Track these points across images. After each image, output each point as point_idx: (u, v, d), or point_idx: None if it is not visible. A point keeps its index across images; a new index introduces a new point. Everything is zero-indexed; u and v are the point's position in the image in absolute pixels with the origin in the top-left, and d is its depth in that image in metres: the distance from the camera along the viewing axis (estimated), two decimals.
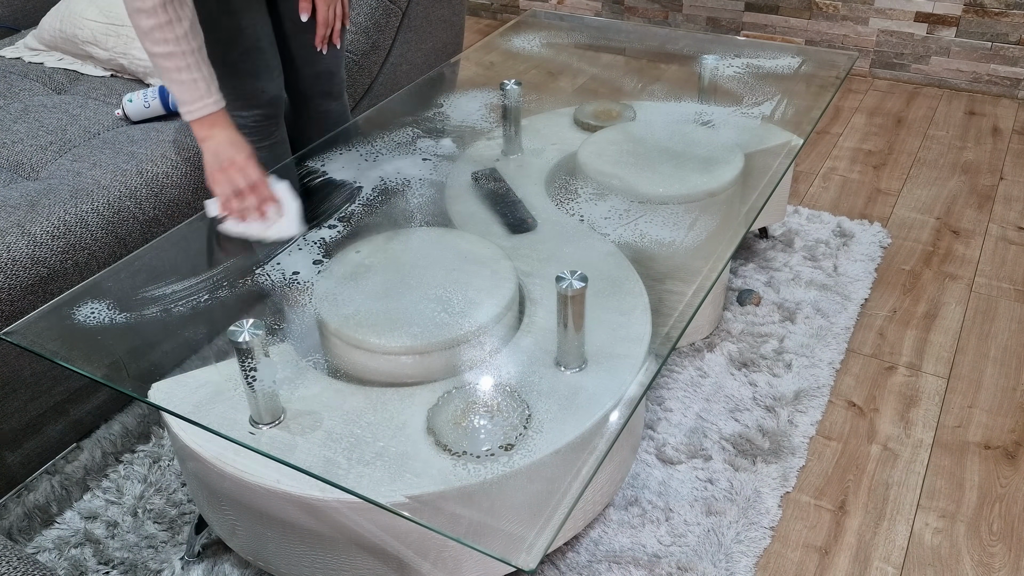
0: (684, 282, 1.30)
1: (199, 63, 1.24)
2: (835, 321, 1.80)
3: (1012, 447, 1.52)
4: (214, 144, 1.28)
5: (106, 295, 1.29)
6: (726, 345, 1.74)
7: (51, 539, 1.38)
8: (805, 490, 1.45)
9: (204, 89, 1.26)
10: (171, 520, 1.40)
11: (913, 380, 1.67)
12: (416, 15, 2.11)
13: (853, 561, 1.33)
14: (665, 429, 1.55)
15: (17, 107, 1.78)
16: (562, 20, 2.37)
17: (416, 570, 1.10)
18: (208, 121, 1.28)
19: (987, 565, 1.32)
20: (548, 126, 1.82)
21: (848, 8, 2.92)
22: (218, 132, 1.28)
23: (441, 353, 1.15)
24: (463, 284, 1.23)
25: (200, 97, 1.26)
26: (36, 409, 1.43)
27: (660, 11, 3.26)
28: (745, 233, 1.51)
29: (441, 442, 1.03)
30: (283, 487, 1.05)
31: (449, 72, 2.07)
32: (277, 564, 1.19)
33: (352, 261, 1.30)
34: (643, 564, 1.31)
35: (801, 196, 2.28)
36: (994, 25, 2.72)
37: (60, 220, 1.45)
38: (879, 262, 2.00)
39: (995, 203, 2.23)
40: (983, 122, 2.65)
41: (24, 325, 1.19)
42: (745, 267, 1.97)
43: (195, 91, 1.25)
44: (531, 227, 1.45)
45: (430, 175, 1.64)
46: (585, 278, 1.06)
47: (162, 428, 1.58)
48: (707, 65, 1.81)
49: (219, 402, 1.10)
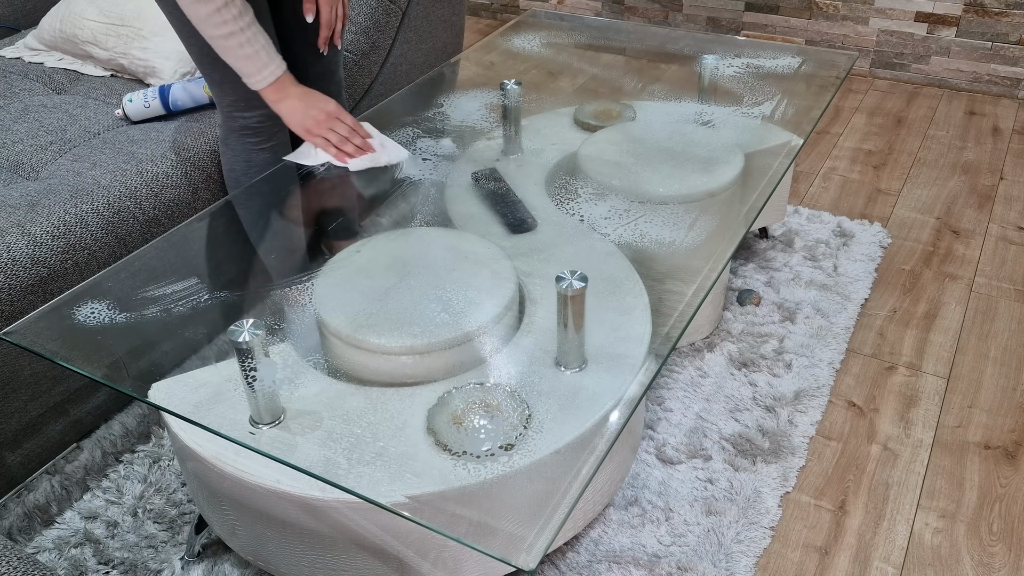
0: (684, 282, 1.30)
1: (256, 35, 1.33)
2: (835, 321, 1.80)
3: (1012, 447, 1.52)
4: (292, 102, 1.39)
5: (106, 295, 1.29)
6: (726, 345, 1.74)
7: (51, 539, 1.38)
8: (805, 490, 1.45)
9: (266, 58, 1.35)
10: (171, 520, 1.40)
11: (913, 380, 1.67)
12: (416, 15, 2.11)
13: (853, 561, 1.33)
14: (665, 429, 1.55)
15: (17, 107, 1.78)
16: (562, 20, 2.37)
17: (416, 570, 1.10)
18: (277, 85, 1.38)
19: (987, 565, 1.32)
20: (548, 126, 1.82)
21: (848, 8, 2.92)
22: (291, 90, 1.39)
23: (441, 353, 1.15)
24: (463, 284, 1.23)
25: (264, 66, 1.36)
26: (36, 409, 1.43)
27: (660, 11, 3.26)
28: (745, 233, 1.51)
29: (441, 442, 1.03)
30: (283, 487, 1.05)
31: (449, 72, 2.07)
32: (277, 564, 1.19)
33: (352, 261, 1.30)
34: (643, 564, 1.31)
35: (801, 196, 2.28)
36: (994, 25, 2.72)
37: (60, 220, 1.45)
38: (879, 262, 2.00)
39: (995, 203, 2.23)
40: (983, 122, 2.65)
41: (24, 325, 1.19)
42: (745, 267, 1.97)
43: (257, 62, 1.35)
44: (531, 227, 1.45)
45: (430, 175, 1.64)
46: (585, 278, 1.06)
47: (162, 428, 1.58)
48: (707, 65, 1.81)
49: (219, 402, 1.10)
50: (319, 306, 1.21)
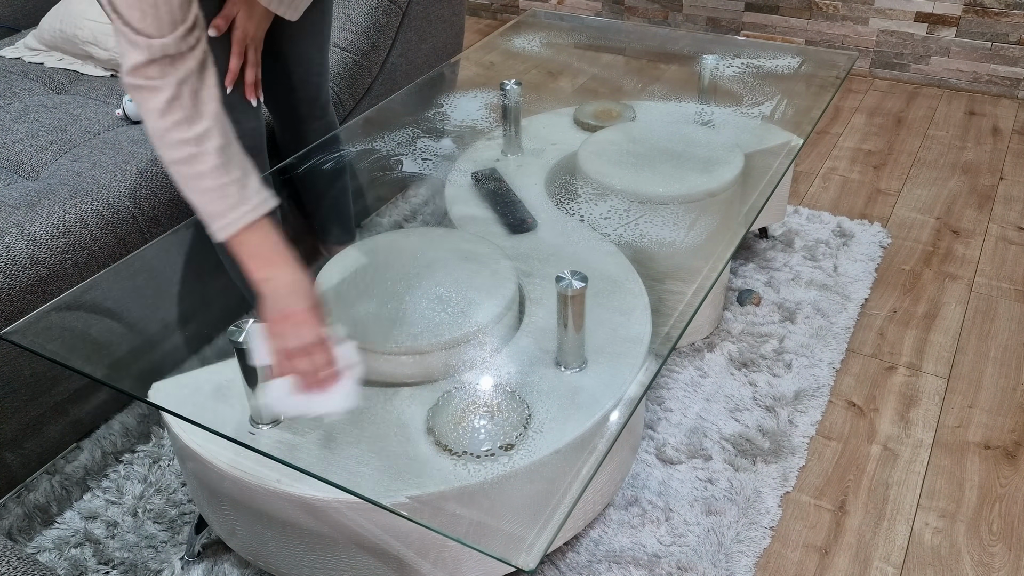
0: (684, 282, 1.30)
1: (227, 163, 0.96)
2: (835, 321, 1.80)
3: (1012, 447, 1.52)
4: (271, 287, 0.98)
5: (106, 295, 1.29)
6: (726, 345, 1.74)
7: (51, 539, 1.38)
8: (805, 490, 1.45)
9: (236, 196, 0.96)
10: (171, 520, 1.40)
11: (913, 380, 1.67)
12: (416, 15, 2.11)
13: (853, 561, 1.33)
14: (665, 429, 1.55)
15: (17, 107, 1.78)
16: (562, 20, 2.37)
17: (416, 570, 1.10)
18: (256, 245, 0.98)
19: (987, 565, 1.32)
20: (548, 126, 1.82)
21: (848, 8, 2.92)
22: (278, 274, 0.98)
23: (441, 353, 1.15)
24: (463, 284, 1.23)
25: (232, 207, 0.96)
26: (36, 409, 1.43)
27: (660, 11, 3.26)
28: (745, 233, 1.51)
29: (441, 442, 1.03)
30: (283, 487, 1.05)
31: (449, 72, 2.07)
32: (277, 564, 1.19)
33: (352, 261, 1.30)
34: (643, 564, 1.31)
35: (801, 196, 2.28)
36: (994, 25, 2.72)
37: (60, 220, 1.45)
38: (879, 262, 2.00)
39: (995, 203, 2.23)
40: (983, 122, 2.65)
41: (24, 325, 1.19)
42: (745, 267, 1.97)
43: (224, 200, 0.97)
44: (531, 227, 1.45)
45: (430, 173, 1.64)
46: (585, 278, 1.06)
47: (162, 428, 1.58)
48: (707, 65, 1.81)
49: (219, 402, 1.10)
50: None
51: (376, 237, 1.35)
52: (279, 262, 0.98)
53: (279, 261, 0.98)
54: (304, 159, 1.66)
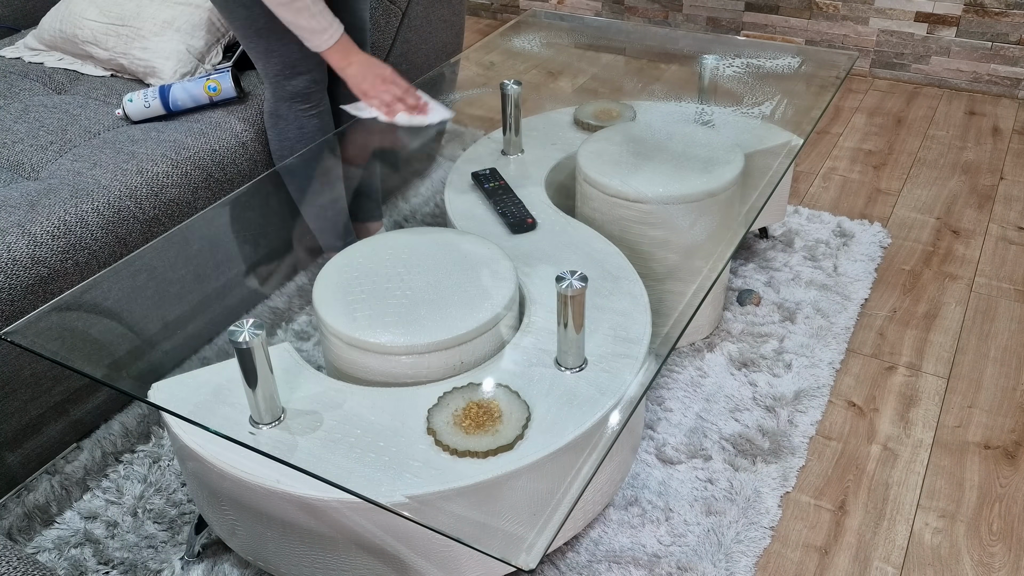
0: (684, 282, 1.31)
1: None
2: (835, 321, 1.80)
3: (1012, 447, 1.52)
4: (357, 67, 1.53)
5: (106, 295, 1.29)
6: (726, 345, 1.74)
7: (51, 539, 1.38)
8: (805, 490, 1.45)
9: (330, 16, 1.46)
10: (171, 520, 1.41)
11: (913, 380, 1.67)
12: (416, 15, 2.11)
13: (853, 561, 1.33)
14: (665, 429, 1.55)
15: (17, 107, 1.78)
16: (562, 20, 2.38)
17: (416, 570, 1.10)
18: (341, 48, 1.49)
19: (987, 565, 1.32)
20: (548, 126, 1.82)
21: (848, 8, 2.92)
22: (355, 57, 1.52)
23: (441, 353, 1.15)
24: (463, 284, 1.23)
25: (329, 24, 1.46)
26: (36, 409, 1.44)
27: (660, 11, 3.26)
28: (745, 233, 1.51)
29: (441, 442, 1.03)
30: (283, 487, 1.05)
31: (449, 72, 2.07)
32: (277, 564, 1.19)
33: (352, 261, 1.30)
34: (643, 564, 1.31)
35: (801, 196, 2.28)
36: (994, 25, 2.72)
37: (60, 220, 1.45)
38: (879, 262, 2.00)
39: (995, 203, 2.23)
40: (983, 122, 2.65)
41: (24, 325, 1.19)
42: (745, 267, 1.97)
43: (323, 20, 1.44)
44: (531, 227, 1.45)
45: (430, 174, 1.64)
46: (585, 278, 1.06)
47: (162, 428, 1.58)
48: (707, 65, 1.81)
49: (219, 402, 1.10)
50: (319, 306, 1.21)
51: (376, 237, 1.35)
52: (356, 51, 1.52)
53: (356, 51, 1.52)
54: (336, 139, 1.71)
